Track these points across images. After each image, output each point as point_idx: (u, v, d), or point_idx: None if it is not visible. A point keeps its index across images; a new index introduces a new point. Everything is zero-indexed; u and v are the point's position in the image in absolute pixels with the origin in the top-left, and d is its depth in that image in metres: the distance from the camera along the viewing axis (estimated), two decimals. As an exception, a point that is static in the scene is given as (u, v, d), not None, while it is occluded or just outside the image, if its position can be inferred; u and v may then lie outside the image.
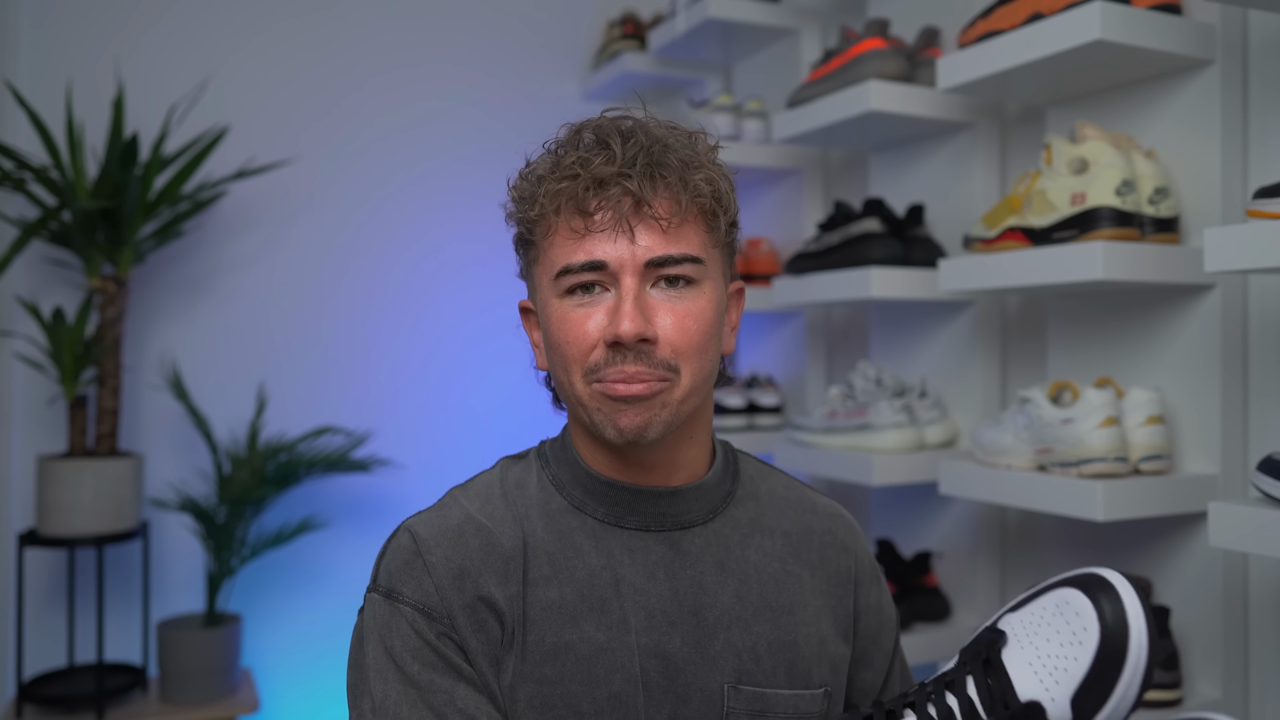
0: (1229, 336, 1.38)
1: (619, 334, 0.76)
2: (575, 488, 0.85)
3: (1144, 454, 1.35)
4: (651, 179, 0.78)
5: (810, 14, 2.31)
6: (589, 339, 0.78)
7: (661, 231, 0.78)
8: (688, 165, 0.80)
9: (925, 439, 1.77)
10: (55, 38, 2.37)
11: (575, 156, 0.79)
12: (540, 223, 0.81)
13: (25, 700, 2.07)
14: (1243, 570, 1.39)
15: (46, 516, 2.09)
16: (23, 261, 2.32)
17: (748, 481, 0.91)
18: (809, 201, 2.29)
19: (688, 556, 0.84)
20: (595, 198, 0.78)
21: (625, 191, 0.77)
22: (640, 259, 0.77)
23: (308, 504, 2.56)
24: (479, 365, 2.76)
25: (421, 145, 2.71)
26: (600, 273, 0.78)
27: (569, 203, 0.78)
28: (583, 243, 0.78)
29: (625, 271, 0.77)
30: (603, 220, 0.78)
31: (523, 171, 0.84)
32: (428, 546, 0.80)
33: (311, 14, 2.60)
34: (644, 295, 0.78)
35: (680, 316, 0.78)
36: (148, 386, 2.43)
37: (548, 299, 0.81)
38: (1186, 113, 1.41)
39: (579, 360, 0.78)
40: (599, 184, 0.77)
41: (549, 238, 0.80)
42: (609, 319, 0.77)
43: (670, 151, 0.79)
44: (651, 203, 0.78)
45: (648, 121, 0.83)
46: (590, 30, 2.92)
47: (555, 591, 0.80)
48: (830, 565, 0.91)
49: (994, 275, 1.42)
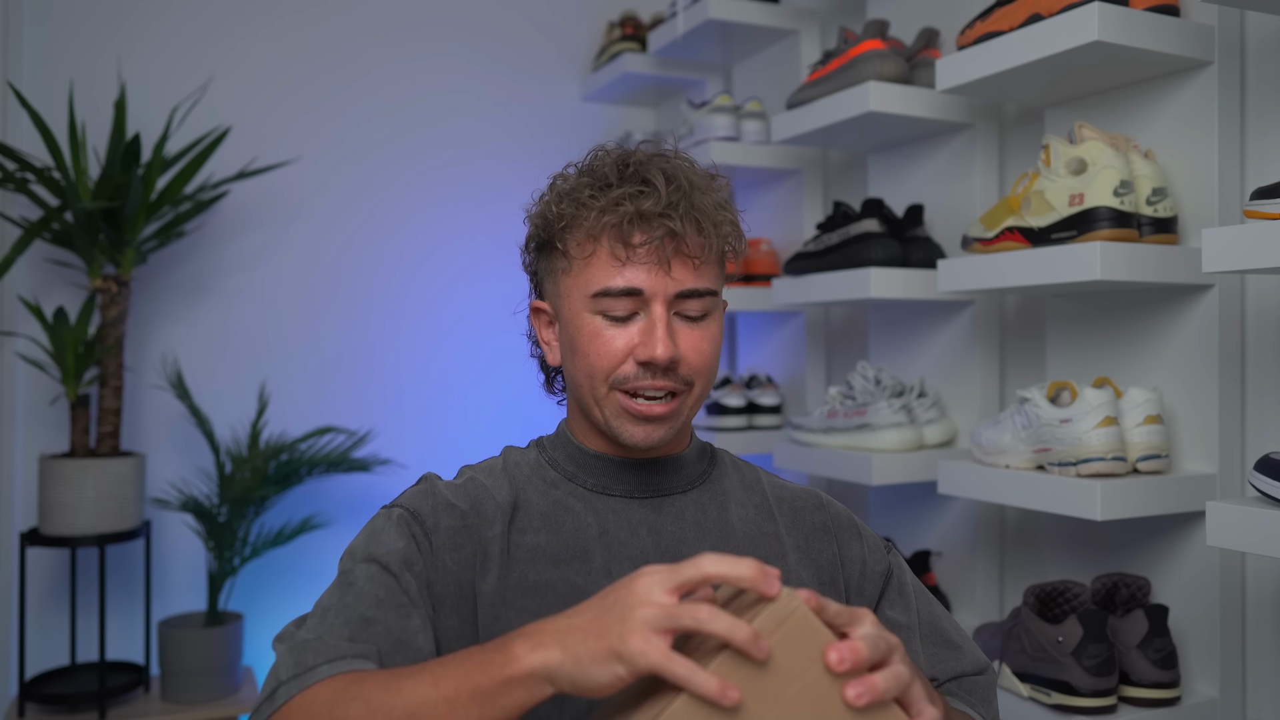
0: (1227, 336, 1.38)
1: (654, 357, 0.87)
2: (569, 463, 0.96)
3: (1142, 453, 1.35)
4: (690, 220, 0.89)
5: (810, 15, 2.32)
6: (619, 354, 0.89)
7: (692, 268, 0.90)
8: (717, 210, 0.91)
9: (924, 439, 1.77)
10: (57, 38, 2.37)
11: (623, 190, 0.88)
12: (580, 242, 0.90)
13: (27, 699, 2.08)
14: (1240, 569, 1.39)
15: (48, 516, 2.09)
16: (25, 262, 2.33)
17: (724, 466, 1.02)
18: (808, 202, 2.29)
19: (669, 518, 0.94)
20: (639, 232, 0.88)
21: (668, 231, 0.88)
22: (672, 290, 0.89)
23: (309, 503, 2.57)
24: (479, 365, 2.76)
25: (422, 145, 2.72)
26: (635, 298, 0.89)
27: (614, 230, 0.88)
28: (623, 270, 0.88)
29: (657, 300, 0.89)
30: (644, 254, 0.88)
31: (558, 186, 0.93)
32: (435, 486, 0.94)
33: (312, 14, 2.61)
34: (671, 321, 0.90)
35: (698, 341, 0.91)
36: (150, 386, 2.44)
37: (578, 311, 0.91)
38: (1184, 113, 1.42)
39: (606, 371, 0.90)
40: (644, 219, 0.88)
41: (586, 258, 0.90)
42: (642, 339, 0.89)
43: (703, 195, 0.91)
44: (687, 240, 0.89)
45: (680, 162, 0.93)
46: (590, 31, 2.92)
47: (542, 538, 0.90)
48: (805, 523, 0.99)
49: (992, 276, 1.43)
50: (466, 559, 0.88)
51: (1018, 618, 1.45)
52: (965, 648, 0.98)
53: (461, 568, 0.87)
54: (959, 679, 0.97)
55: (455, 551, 0.88)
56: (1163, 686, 1.34)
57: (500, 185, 2.80)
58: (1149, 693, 1.34)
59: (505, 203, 2.80)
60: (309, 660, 0.78)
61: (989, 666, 0.99)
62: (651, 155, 0.93)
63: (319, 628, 0.82)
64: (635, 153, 0.93)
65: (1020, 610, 1.45)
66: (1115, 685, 1.33)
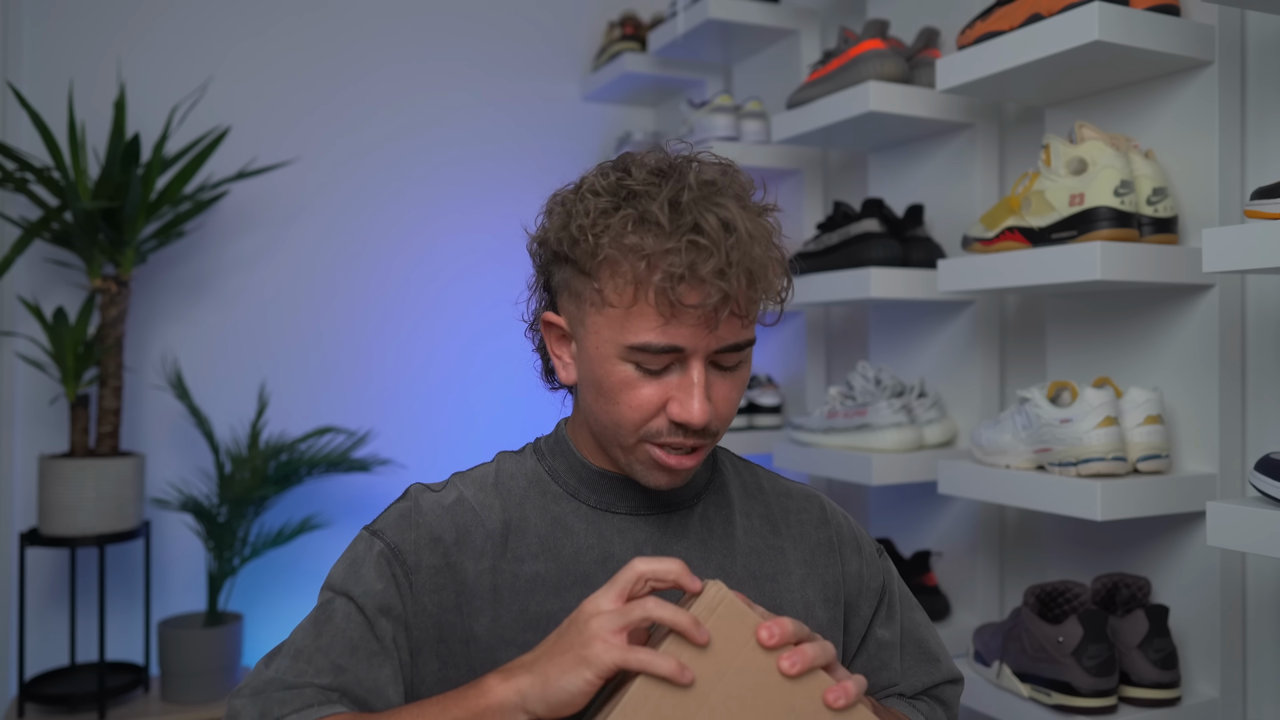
0: (1227, 336, 1.38)
1: (690, 420, 0.81)
2: (570, 476, 0.91)
3: (1142, 454, 1.35)
4: (744, 282, 0.79)
5: (810, 15, 2.31)
6: (652, 409, 0.82)
7: (740, 326, 0.82)
8: (769, 262, 0.81)
9: (924, 439, 1.77)
10: (57, 38, 2.37)
11: (675, 243, 0.77)
12: (621, 290, 0.80)
13: (27, 699, 2.08)
14: (1241, 570, 1.39)
15: (48, 516, 2.09)
16: (25, 262, 2.33)
17: (727, 472, 0.98)
18: (808, 202, 2.29)
19: (674, 536, 0.90)
20: (690, 292, 0.78)
21: (722, 295, 0.78)
22: (714, 346, 0.81)
23: (309, 503, 2.57)
24: (479, 365, 2.76)
25: (422, 145, 2.72)
26: (675, 354, 0.81)
27: (662, 284, 0.78)
28: (666, 328, 0.79)
29: (698, 355, 0.81)
30: (694, 316, 0.79)
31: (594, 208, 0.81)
32: (420, 511, 0.88)
33: (312, 14, 2.61)
34: (706, 376, 0.83)
35: (729, 391, 0.85)
36: (149, 386, 2.44)
37: (608, 355, 0.82)
38: (1185, 113, 1.42)
39: (637, 424, 0.83)
40: (696, 278, 0.78)
41: (624, 304, 0.80)
42: (676, 397, 0.82)
43: (759, 243, 0.80)
44: (738, 299, 0.80)
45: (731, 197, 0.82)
46: (590, 31, 2.92)
47: (540, 566, 0.86)
48: (810, 538, 0.96)
49: (993, 275, 1.43)
50: (448, 600, 0.84)
51: (1018, 618, 1.45)
52: (943, 660, 1.00)
53: (442, 609, 0.84)
54: (934, 688, 0.99)
55: (436, 593, 0.84)
56: (1163, 687, 1.34)
57: (500, 185, 2.80)
58: (1149, 693, 1.34)
59: (505, 203, 2.80)
60: (274, 710, 0.78)
61: (961, 676, 1.01)
62: (703, 189, 0.80)
63: (289, 670, 0.81)
64: (684, 181, 0.81)
65: (1020, 610, 1.44)
66: (1115, 685, 1.33)
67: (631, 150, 0.89)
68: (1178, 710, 1.34)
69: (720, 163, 0.85)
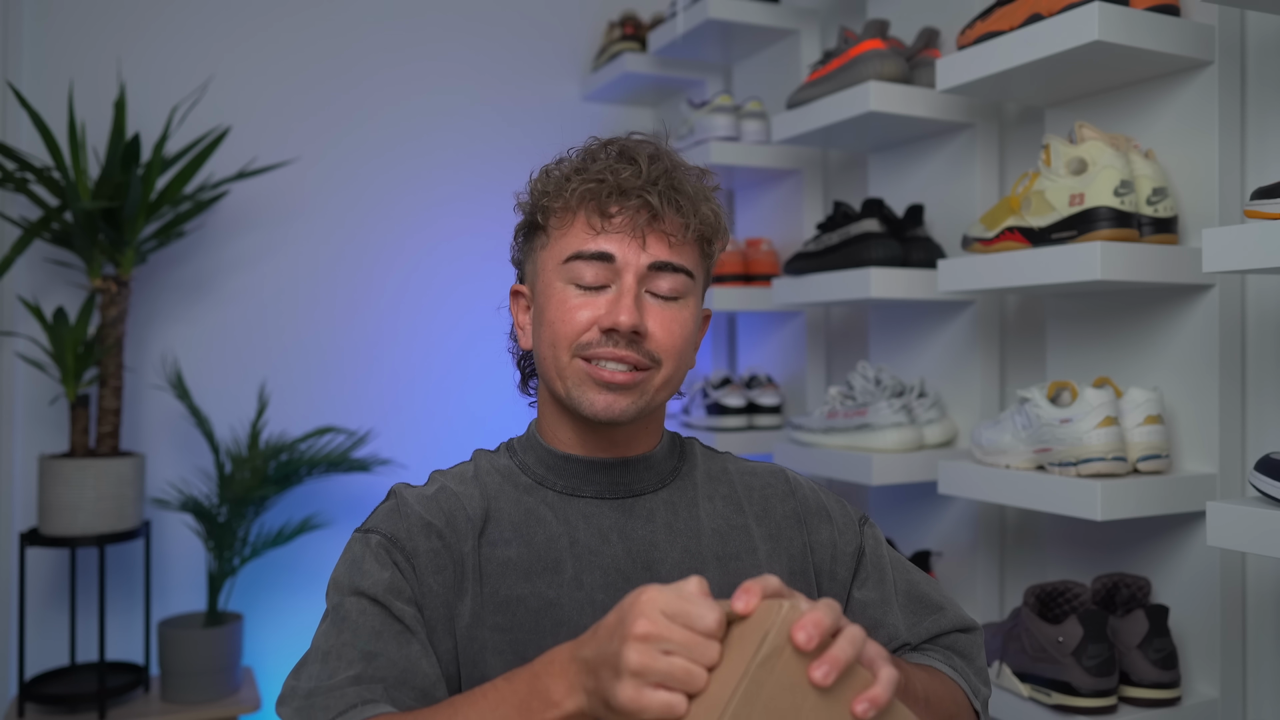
0: (1227, 336, 1.38)
1: (617, 323, 0.86)
2: (538, 466, 0.95)
3: (1142, 453, 1.35)
4: (669, 199, 0.88)
5: (810, 15, 2.31)
6: (584, 322, 0.88)
7: (668, 245, 0.89)
8: (699, 195, 0.91)
9: (924, 439, 1.77)
10: (57, 38, 2.37)
11: (603, 164, 0.89)
12: (559, 214, 0.90)
13: (27, 699, 2.08)
14: (1241, 570, 1.39)
15: (48, 516, 2.09)
16: (25, 262, 2.33)
17: (693, 459, 1.01)
18: (808, 202, 2.29)
19: (639, 520, 0.93)
20: (617, 203, 0.88)
21: (644, 204, 0.87)
22: (644, 262, 0.88)
23: (309, 503, 2.57)
24: (479, 365, 2.76)
25: (421, 145, 2.72)
26: (606, 265, 0.88)
27: (591, 202, 0.88)
28: (597, 238, 0.88)
29: (629, 270, 0.88)
30: (620, 223, 0.88)
31: (547, 167, 0.94)
32: (406, 503, 0.91)
33: (312, 14, 2.61)
34: (640, 296, 0.89)
35: (668, 320, 0.90)
36: (149, 386, 2.44)
37: (550, 281, 0.91)
38: (1185, 113, 1.42)
39: (570, 338, 0.88)
40: (622, 192, 0.88)
41: (564, 228, 0.90)
42: (607, 309, 0.87)
43: (686, 180, 0.91)
44: (664, 218, 0.88)
45: (668, 150, 0.93)
46: (590, 31, 2.92)
47: (513, 551, 0.89)
48: (774, 513, 0.98)
49: (993, 275, 1.43)
50: (449, 580, 0.87)
51: (1018, 618, 1.45)
52: (949, 608, 0.99)
53: (445, 589, 0.86)
54: (940, 637, 0.97)
55: (438, 574, 0.86)
56: (1163, 687, 1.34)
57: (500, 185, 2.80)
58: (1149, 693, 1.34)
59: (505, 202, 2.80)
60: (319, 718, 0.77)
61: (975, 625, 0.99)
62: (641, 141, 0.93)
63: (321, 674, 0.80)
64: (624, 139, 0.93)
65: (1020, 610, 1.44)
66: (1115, 685, 1.33)
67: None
68: (1178, 710, 1.34)
69: None
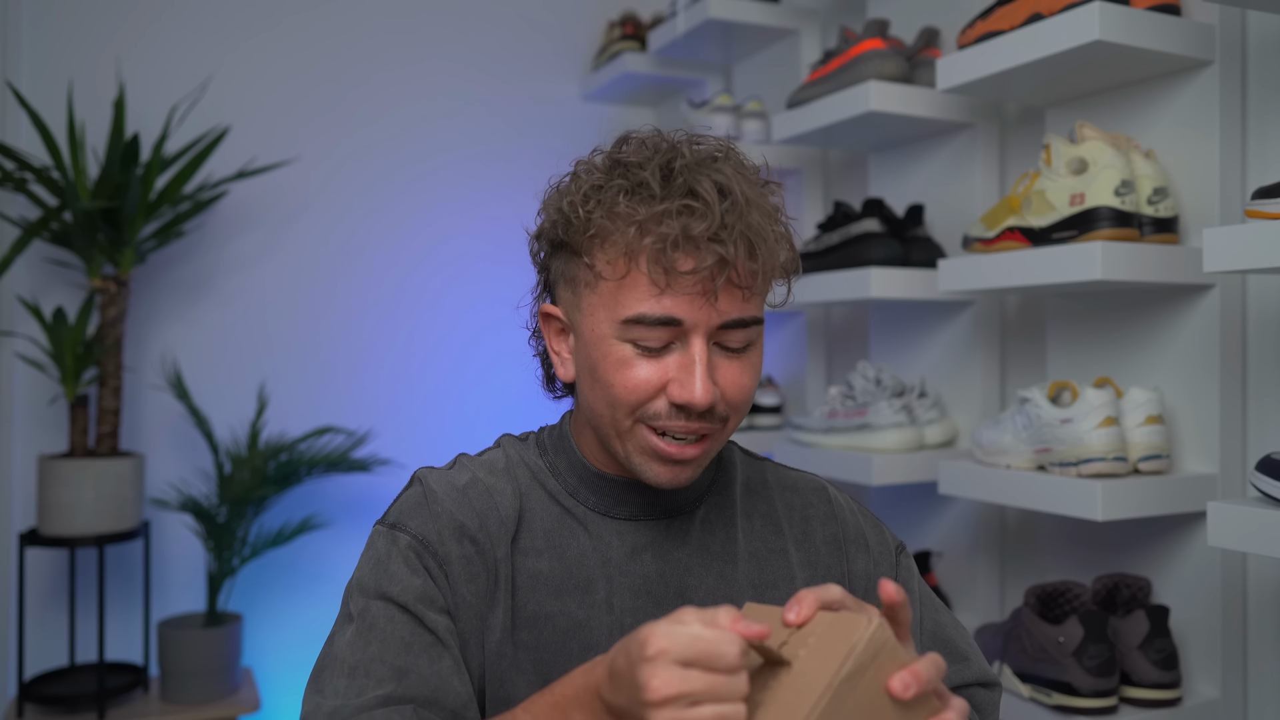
0: (1228, 336, 1.38)
1: (692, 401, 0.76)
2: (570, 475, 0.88)
3: (1143, 454, 1.35)
4: (743, 243, 0.76)
5: (810, 14, 2.31)
6: (650, 390, 0.78)
7: (741, 298, 0.78)
8: (776, 239, 0.79)
9: (925, 439, 1.77)
10: (56, 38, 2.37)
11: (665, 205, 0.74)
12: (612, 260, 0.77)
13: (26, 699, 2.08)
14: (1241, 570, 1.39)
15: (48, 516, 2.09)
16: (24, 261, 2.33)
17: (732, 468, 0.94)
18: (809, 201, 2.29)
19: (674, 542, 0.86)
20: (685, 257, 0.75)
21: (718, 259, 0.75)
22: (715, 322, 0.77)
23: (308, 504, 2.57)
24: (479, 365, 2.76)
25: (421, 145, 2.72)
26: (673, 329, 0.76)
27: (656, 253, 0.75)
28: (661, 298, 0.76)
29: (698, 333, 0.77)
30: (689, 283, 0.75)
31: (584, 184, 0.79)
32: (435, 498, 0.83)
33: (312, 14, 2.61)
34: (709, 356, 0.78)
35: (738, 375, 0.80)
36: (149, 386, 2.44)
37: (604, 335, 0.79)
38: (1185, 113, 1.42)
39: (634, 406, 0.78)
40: (691, 242, 0.74)
41: (618, 276, 0.77)
42: (677, 375, 0.77)
43: (759, 211, 0.77)
44: (738, 268, 0.76)
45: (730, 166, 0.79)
46: (590, 31, 2.92)
47: (545, 564, 0.83)
48: (814, 537, 0.93)
49: (993, 275, 1.43)
50: (481, 589, 0.81)
51: (1018, 618, 1.44)
52: (973, 659, 0.93)
53: (478, 599, 0.80)
54: (960, 688, 0.92)
55: (471, 583, 0.80)
56: (1164, 687, 1.34)
57: (500, 185, 2.80)
58: (1150, 693, 1.34)
59: (505, 202, 2.80)
60: None
61: (997, 681, 0.94)
62: (700, 159, 0.78)
63: (349, 691, 0.74)
64: (678, 151, 0.79)
65: (1021, 611, 1.44)
66: (1116, 686, 1.33)
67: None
68: (1178, 711, 1.34)
69: (720, 140, 0.82)
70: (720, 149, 0.81)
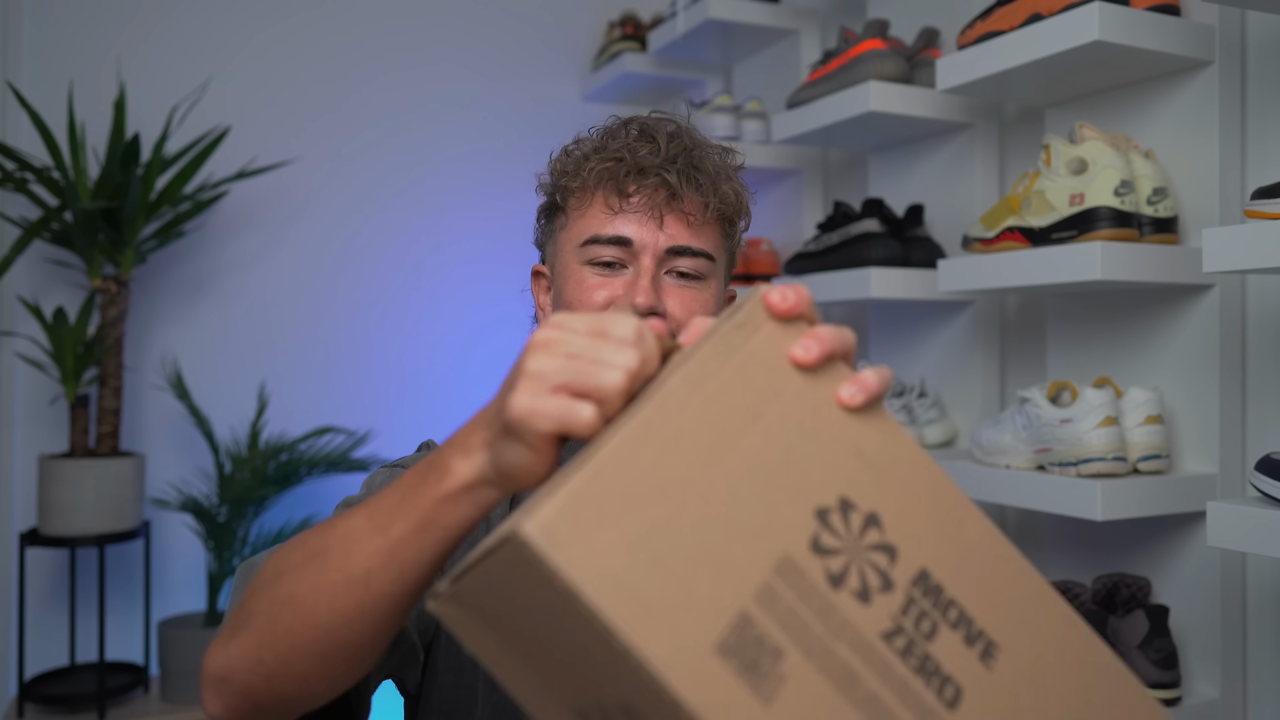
0: (1227, 337, 1.38)
1: (634, 305, 0.84)
2: None
3: (1142, 454, 1.35)
4: (688, 177, 0.86)
5: (810, 15, 2.31)
6: (600, 303, 0.86)
7: (687, 225, 0.86)
8: (720, 174, 0.88)
9: (924, 439, 1.77)
10: (57, 38, 2.37)
11: (622, 143, 0.86)
12: (577, 194, 0.88)
13: (27, 699, 2.08)
14: (1241, 570, 1.39)
15: (48, 516, 2.09)
16: (24, 261, 2.33)
17: None
18: (808, 202, 2.29)
19: None
20: (634, 182, 0.85)
21: (663, 183, 0.85)
22: (663, 245, 0.86)
23: (309, 504, 2.57)
24: (479, 364, 2.76)
25: (422, 145, 2.72)
26: (624, 249, 0.86)
27: (609, 182, 0.86)
28: (614, 219, 0.86)
29: (646, 253, 0.86)
30: (637, 204, 0.86)
31: (566, 146, 0.91)
32: None
33: (312, 14, 2.61)
34: (659, 277, 0.87)
35: (687, 302, 0.87)
36: (149, 386, 2.44)
37: (568, 263, 0.88)
38: (1185, 113, 1.42)
39: None
40: (640, 171, 0.85)
41: (582, 209, 0.88)
42: (625, 291, 0.86)
43: (707, 158, 0.88)
44: (683, 198, 0.86)
45: (689, 127, 0.90)
46: (590, 31, 2.92)
47: None
48: None
49: (993, 275, 1.43)
50: (475, 540, 0.81)
51: (1018, 618, 1.44)
52: None
53: (465, 548, 0.80)
54: None
55: None
56: (1163, 687, 1.34)
57: (500, 185, 2.80)
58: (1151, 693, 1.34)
59: (505, 202, 2.80)
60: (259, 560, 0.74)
61: None
62: (661, 118, 0.90)
63: None
64: (644, 116, 0.91)
65: (1021, 611, 1.44)
66: (1116, 686, 1.32)
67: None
68: (1178, 710, 1.34)
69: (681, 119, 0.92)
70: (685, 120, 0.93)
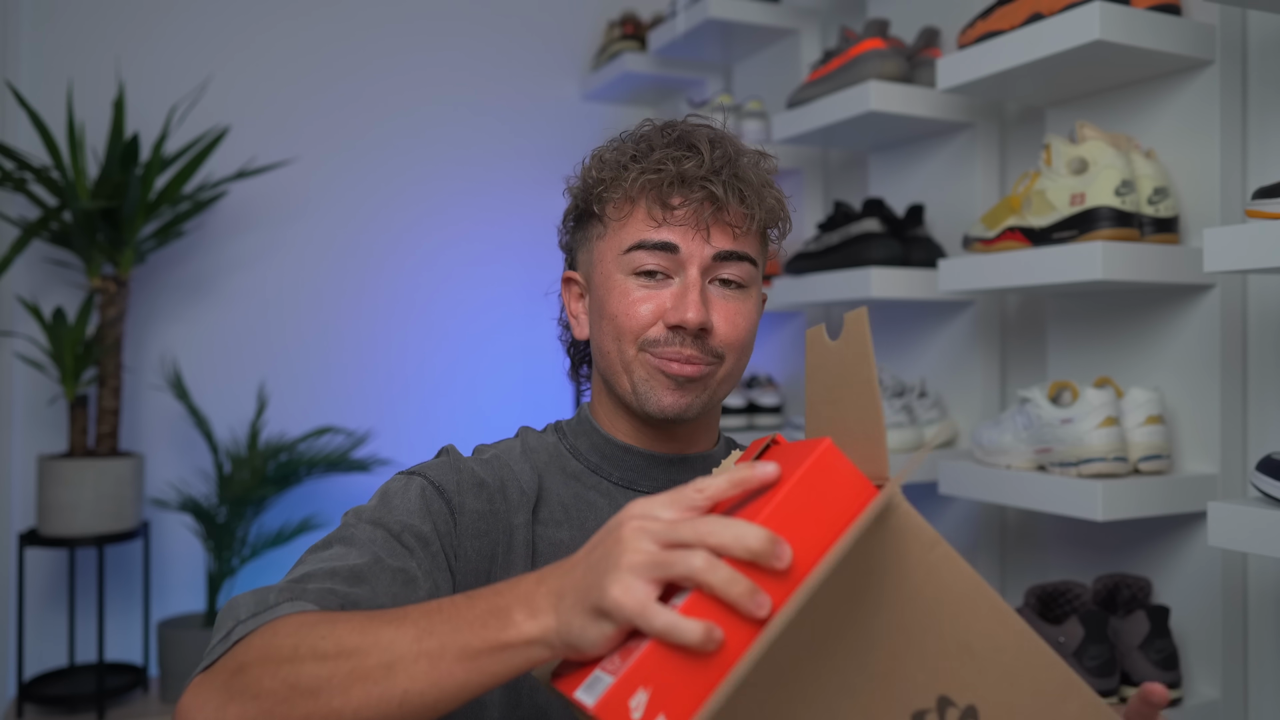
0: (1228, 336, 1.38)
1: (684, 320, 0.84)
2: (592, 454, 0.92)
3: (1143, 454, 1.35)
4: (733, 189, 0.86)
5: (810, 14, 2.31)
6: (648, 316, 0.85)
7: (731, 236, 0.87)
8: (763, 184, 0.89)
9: (925, 439, 1.77)
10: (56, 38, 2.37)
11: (665, 153, 0.86)
12: (618, 204, 0.88)
13: (26, 699, 2.08)
14: (1242, 570, 1.39)
15: (47, 516, 2.09)
16: (23, 261, 2.32)
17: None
18: (809, 201, 2.29)
19: None
20: (679, 194, 0.85)
21: (708, 195, 0.85)
22: (709, 254, 0.86)
23: (308, 504, 2.56)
24: (479, 364, 2.76)
25: (421, 145, 2.71)
26: (670, 256, 0.85)
27: (652, 192, 0.85)
28: (659, 229, 0.85)
29: (693, 263, 0.85)
30: (682, 216, 0.85)
31: (600, 153, 0.90)
32: (461, 459, 0.88)
33: (312, 14, 2.60)
34: (705, 289, 0.86)
35: (732, 313, 0.87)
36: (148, 386, 2.43)
37: (610, 272, 0.88)
38: (1186, 113, 1.42)
39: (635, 333, 0.86)
40: (684, 182, 0.85)
41: (623, 219, 0.87)
42: (673, 303, 0.85)
43: (749, 167, 0.88)
44: (728, 209, 0.86)
45: (726, 133, 0.90)
46: (590, 31, 2.92)
47: (565, 534, 0.86)
48: None
49: (993, 275, 1.43)
50: (487, 549, 0.83)
51: (1019, 618, 1.44)
52: None
53: (480, 558, 0.82)
54: None
55: (478, 539, 0.82)
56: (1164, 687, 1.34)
57: (500, 185, 2.79)
58: (1150, 694, 1.34)
59: (505, 203, 2.80)
60: (271, 599, 0.71)
61: None
62: (698, 125, 0.90)
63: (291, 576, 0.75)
64: (683, 123, 0.90)
65: (1021, 611, 1.44)
66: (1116, 686, 1.32)
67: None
68: (1179, 711, 1.34)
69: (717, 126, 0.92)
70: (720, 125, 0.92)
